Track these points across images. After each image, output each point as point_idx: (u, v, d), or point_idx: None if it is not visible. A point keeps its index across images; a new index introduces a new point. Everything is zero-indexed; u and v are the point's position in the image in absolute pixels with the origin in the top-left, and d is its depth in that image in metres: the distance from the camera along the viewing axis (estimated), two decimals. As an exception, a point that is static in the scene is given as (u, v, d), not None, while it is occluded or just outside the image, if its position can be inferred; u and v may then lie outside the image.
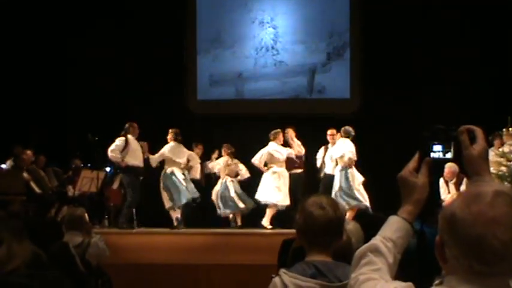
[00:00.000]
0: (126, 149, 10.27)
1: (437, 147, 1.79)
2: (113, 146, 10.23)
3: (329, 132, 10.74)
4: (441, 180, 9.63)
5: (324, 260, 2.53)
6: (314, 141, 11.04)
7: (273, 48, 13.19)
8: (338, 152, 10.37)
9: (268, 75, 13.18)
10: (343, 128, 10.50)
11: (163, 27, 12.82)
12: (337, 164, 10.43)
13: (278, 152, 10.67)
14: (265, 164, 10.78)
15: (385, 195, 6.60)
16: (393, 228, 1.72)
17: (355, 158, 10.39)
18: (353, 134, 10.48)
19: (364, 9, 12.84)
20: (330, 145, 10.76)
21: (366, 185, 10.63)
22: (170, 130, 10.78)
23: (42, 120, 12.51)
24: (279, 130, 10.75)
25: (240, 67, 13.22)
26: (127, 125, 10.49)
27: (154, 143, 10.96)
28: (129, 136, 10.41)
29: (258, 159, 10.67)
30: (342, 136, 10.47)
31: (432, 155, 1.78)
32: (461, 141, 1.74)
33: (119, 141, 10.28)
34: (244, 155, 11.39)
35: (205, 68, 13.25)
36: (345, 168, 10.32)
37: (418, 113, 11.63)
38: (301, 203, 2.71)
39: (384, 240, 1.69)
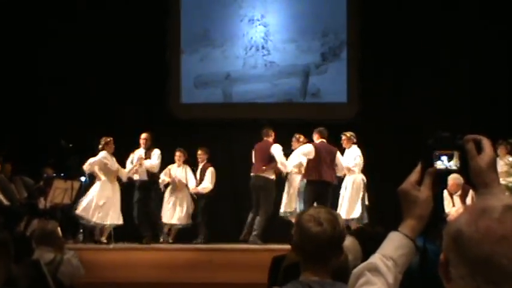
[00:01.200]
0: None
1: (442, 157, 1.78)
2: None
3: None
4: (445, 193, 9.69)
5: (320, 279, 2.52)
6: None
7: (263, 47, 13.20)
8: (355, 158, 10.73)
9: (258, 77, 13.18)
10: (350, 134, 10.70)
11: (145, 23, 12.76)
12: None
13: None
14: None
15: (387, 209, 6.62)
16: (394, 246, 1.71)
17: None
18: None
19: (363, 6, 12.86)
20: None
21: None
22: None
23: (11, 125, 12.42)
24: None
25: (228, 68, 13.21)
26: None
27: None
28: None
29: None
30: (353, 142, 10.77)
31: (436, 165, 1.77)
32: (467, 150, 1.74)
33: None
34: (231, 163, 11.38)
35: (190, 68, 13.23)
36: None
37: (421, 119, 11.65)
38: (297, 216, 2.69)
39: (383, 259, 1.69)
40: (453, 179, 9.25)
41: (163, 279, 8.90)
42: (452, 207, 9.71)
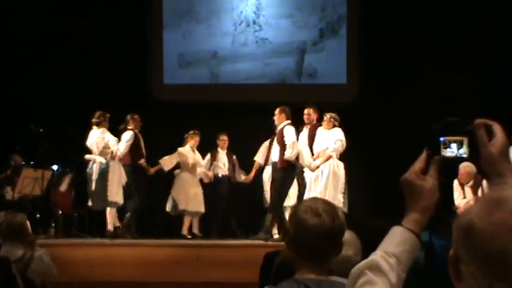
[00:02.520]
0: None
1: (450, 144, 1.78)
2: (123, 146, 10.49)
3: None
4: (455, 183, 9.68)
5: (317, 277, 2.52)
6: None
7: (254, 23, 13.17)
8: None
9: (249, 55, 13.15)
10: (334, 115, 10.46)
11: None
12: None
13: None
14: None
15: (388, 200, 6.63)
16: (397, 241, 1.71)
17: None
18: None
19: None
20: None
21: (364, 186, 10.69)
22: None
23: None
24: None
25: (216, 45, 13.18)
26: (128, 117, 10.72)
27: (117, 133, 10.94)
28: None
29: None
30: (336, 125, 10.44)
31: (443, 152, 1.77)
32: (478, 137, 1.73)
33: (128, 135, 10.55)
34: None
35: (173, 46, 13.19)
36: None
37: (427, 102, 11.66)
38: (292, 209, 2.68)
39: (385, 256, 1.69)
40: (464, 167, 9.27)
41: (145, 278, 8.90)
42: (462, 198, 9.69)
